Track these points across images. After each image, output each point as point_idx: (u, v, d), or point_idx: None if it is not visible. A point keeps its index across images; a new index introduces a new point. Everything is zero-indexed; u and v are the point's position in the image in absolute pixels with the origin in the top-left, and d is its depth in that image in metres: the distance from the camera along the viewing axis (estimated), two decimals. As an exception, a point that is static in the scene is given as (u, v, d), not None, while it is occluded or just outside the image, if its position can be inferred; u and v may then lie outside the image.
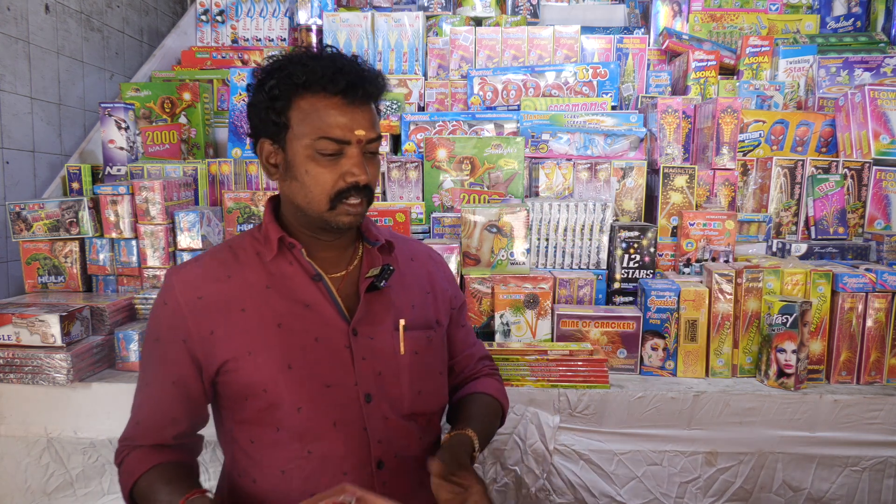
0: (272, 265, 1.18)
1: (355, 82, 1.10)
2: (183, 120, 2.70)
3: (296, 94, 1.11)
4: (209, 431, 1.25)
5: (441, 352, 1.30)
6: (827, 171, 2.28)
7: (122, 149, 2.39)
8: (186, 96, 2.70)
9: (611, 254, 2.13)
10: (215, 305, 1.14)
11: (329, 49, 1.16)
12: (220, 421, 1.23)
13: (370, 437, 1.15)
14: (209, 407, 1.23)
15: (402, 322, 1.21)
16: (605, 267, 2.14)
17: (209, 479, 1.75)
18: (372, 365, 1.17)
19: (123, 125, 2.39)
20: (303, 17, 3.30)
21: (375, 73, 1.16)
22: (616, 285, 2.12)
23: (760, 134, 2.49)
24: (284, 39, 3.36)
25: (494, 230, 2.04)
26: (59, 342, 1.74)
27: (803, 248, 2.15)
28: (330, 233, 1.18)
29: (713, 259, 2.11)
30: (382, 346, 1.18)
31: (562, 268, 2.16)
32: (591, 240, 2.14)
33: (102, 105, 2.41)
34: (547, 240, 2.16)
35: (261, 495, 1.15)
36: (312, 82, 1.10)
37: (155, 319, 1.18)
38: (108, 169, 2.40)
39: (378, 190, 2.42)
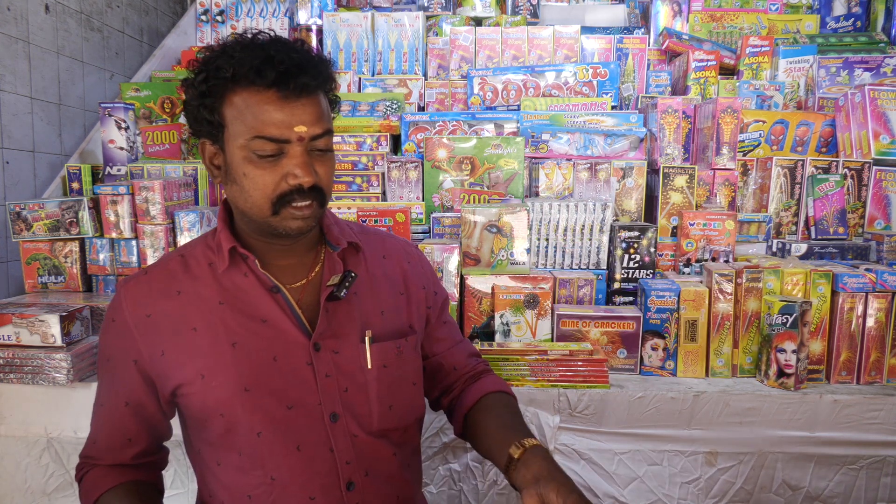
0: (224, 277, 1.08)
1: (289, 71, 0.97)
2: (183, 120, 2.70)
3: (227, 90, 1.00)
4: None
5: (414, 361, 1.19)
6: (827, 171, 2.28)
7: (122, 149, 2.39)
8: (183, 96, 2.69)
9: (611, 254, 2.13)
10: (165, 325, 1.06)
11: (263, 35, 1.03)
12: (188, 440, 1.16)
13: (337, 458, 1.07)
14: (169, 422, 1.17)
15: (368, 333, 1.10)
16: (605, 267, 2.14)
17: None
18: (337, 382, 1.08)
19: (123, 125, 2.39)
20: (303, 17, 3.30)
21: (316, 59, 1.03)
22: (616, 285, 2.12)
23: (760, 134, 2.49)
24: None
25: (494, 230, 2.04)
26: (59, 342, 1.74)
27: (803, 248, 2.15)
28: (283, 238, 1.07)
29: (713, 259, 2.11)
30: (347, 361, 1.09)
31: (562, 268, 2.16)
32: (591, 240, 2.14)
33: (102, 105, 2.41)
34: (547, 240, 2.16)
35: None
36: (241, 75, 0.98)
37: (105, 337, 1.12)
38: (108, 169, 2.40)
39: (378, 190, 2.42)
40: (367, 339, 1.11)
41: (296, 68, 0.98)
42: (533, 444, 1.04)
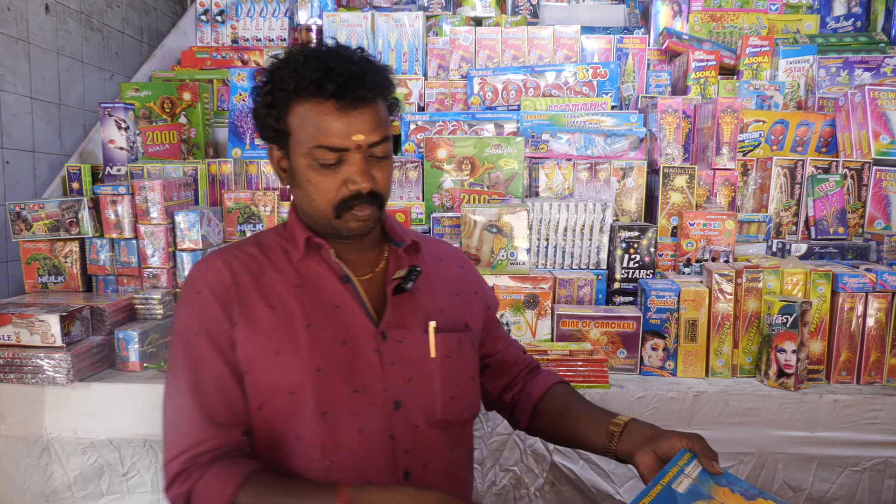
0: (300, 265, 1.14)
1: (347, 84, 1.02)
2: (183, 120, 2.70)
3: (291, 101, 1.06)
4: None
5: (472, 357, 1.24)
6: (827, 171, 2.28)
7: (122, 149, 2.39)
8: (186, 96, 2.70)
9: (611, 254, 2.13)
10: (248, 297, 1.10)
11: (325, 46, 1.08)
12: None
13: (397, 446, 1.09)
14: None
15: (432, 324, 1.15)
16: (605, 267, 2.14)
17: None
18: (402, 370, 1.11)
19: (123, 125, 2.39)
20: (303, 17, 3.30)
21: (374, 68, 1.08)
22: (616, 285, 2.12)
23: (760, 134, 2.48)
24: (284, 39, 3.36)
25: (494, 230, 2.04)
26: (59, 342, 1.74)
27: (803, 248, 2.15)
28: (346, 238, 1.13)
29: (713, 259, 2.11)
30: (412, 350, 1.13)
31: (562, 268, 2.16)
32: (591, 240, 2.14)
33: (102, 105, 2.41)
34: (547, 240, 2.16)
35: None
36: (303, 88, 1.04)
37: (191, 312, 1.10)
38: (108, 169, 2.40)
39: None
40: (430, 329, 1.15)
41: (354, 80, 1.03)
42: (630, 418, 1.12)
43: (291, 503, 0.99)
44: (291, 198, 1.19)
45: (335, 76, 1.02)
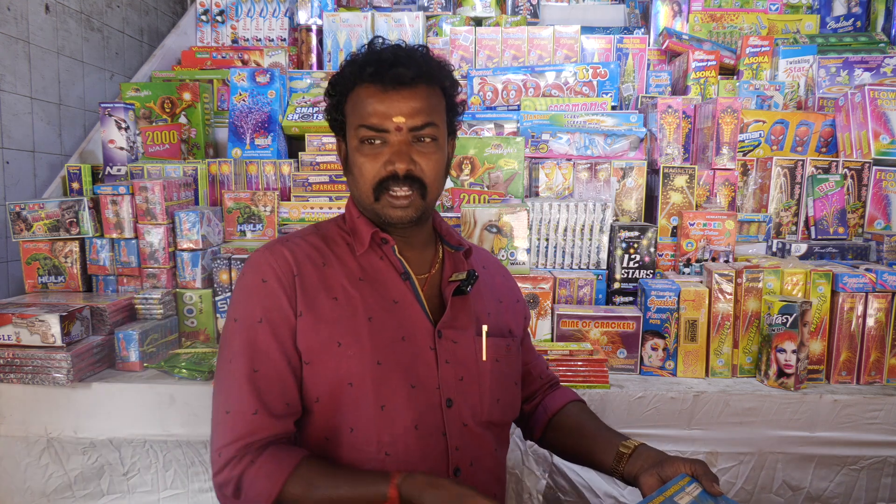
0: (363, 258, 1.16)
1: (385, 62, 1.07)
2: (183, 120, 2.70)
3: (348, 89, 1.12)
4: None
5: (517, 362, 1.28)
6: (827, 171, 2.28)
7: (122, 149, 2.39)
8: (186, 96, 2.70)
9: (611, 254, 2.13)
10: (309, 287, 1.11)
11: (379, 41, 1.14)
12: None
13: (448, 442, 1.11)
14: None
15: (485, 328, 1.18)
16: (605, 267, 2.14)
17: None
18: (454, 369, 1.14)
19: (123, 125, 2.39)
20: (303, 17, 3.30)
21: (422, 55, 1.11)
22: (616, 285, 2.12)
23: (760, 134, 2.49)
24: (284, 39, 3.36)
25: (494, 230, 2.04)
26: (59, 342, 1.74)
27: (803, 248, 2.15)
28: (390, 227, 1.15)
29: (713, 259, 2.11)
30: (465, 351, 1.15)
31: (562, 268, 2.16)
32: (591, 240, 2.14)
33: (102, 105, 2.41)
34: (547, 240, 2.16)
35: None
36: (354, 76, 1.10)
37: (253, 299, 1.09)
38: (108, 169, 2.40)
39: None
40: (483, 332, 1.18)
41: (392, 60, 1.08)
42: (640, 443, 1.16)
43: (341, 488, 1.01)
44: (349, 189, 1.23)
45: (378, 59, 1.08)
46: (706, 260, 2.11)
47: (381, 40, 1.14)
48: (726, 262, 2.09)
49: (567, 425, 1.29)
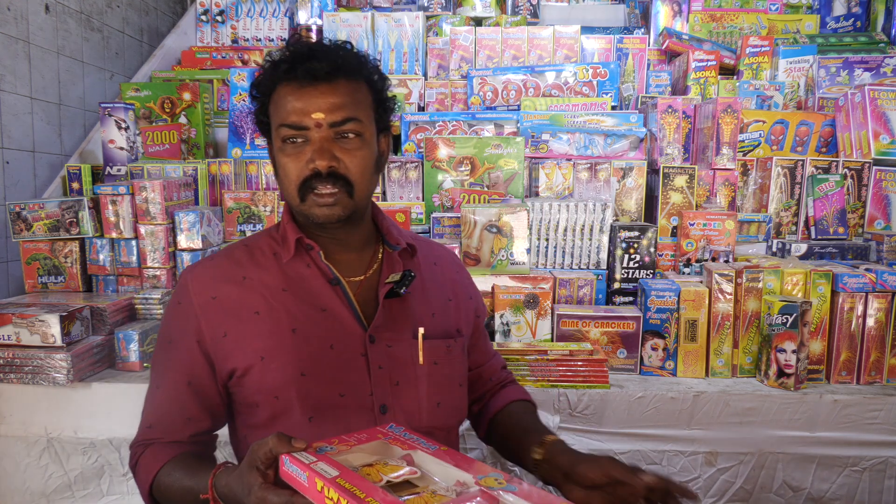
0: (289, 267, 1.13)
1: (300, 56, 1.05)
2: (183, 120, 2.70)
3: (269, 90, 1.09)
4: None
5: (461, 363, 1.23)
6: (827, 171, 2.28)
7: (122, 149, 2.39)
8: (186, 96, 2.70)
9: (611, 254, 2.13)
10: (229, 307, 1.10)
11: (295, 38, 1.13)
12: (234, 426, 1.18)
13: None
14: (225, 407, 1.16)
15: (421, 330, 1.14)
16: (605, 267, 2.14)
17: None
18: (389, 374, 1.11)
19: (123, 125, 2.39)
20: (303, 17, 3.30)
21: (340, 49, 1.08)
22: (616, 285, 2.12)
23: (760, 134, 2.48)
24: (284, 39, 3.36)
25: (494, 230, 2.04)
26: (59, 342, 1.74)
27: (803, 248, 2.15)
28: (321, 228, 1.12)
29: (713, 259, 2.11)
30: (400, 355, 1.12)
31: (562, 268, 2.16)
32: (591, 240, 2.14)
33: (102, 105, 2.41)
34: (547, 240, 2.16)
35: None
36: (275, 74, 1.07)
37: (170, 320, 1.15)
38: (108, 169, 2.40)
39: (378, 190, 2.42)
40: (419, 335, 1.14)
41: (308, 54, 1.05)
42: (553, 444, 1.10)
43: (185, 481, 1.03)
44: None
45: (293, 55, 1.06)
46: (706, 260, 2.11)
47: (298, 37, 1.14)
48: (726, 262, 2.09)
49: (503, 423, 1.26)
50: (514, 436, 1.20)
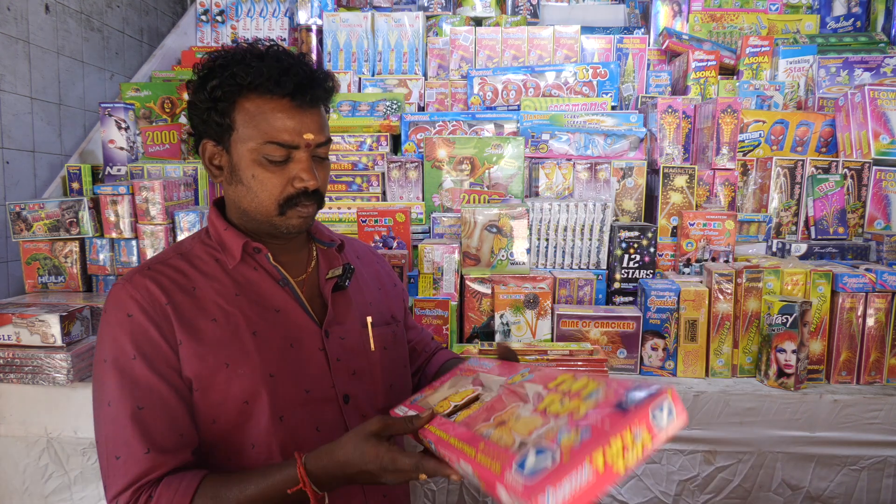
0: (236, 272, 1.13)
1: (304, 84, 1.07)
2: (183, 120, 2.70)
3: (240, 96, 1.07)
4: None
5: (404, 346, 1.32)
6: (827, 171, 2.28)
7: (122, 149, 2.39)
8: (186, 96, 2.69)
9: (611, 254, 2.13)
10: (183, 315, 1.06)
11: (274, 48, 1.10)
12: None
13: None
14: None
15: (369, 319, 1.21)
16: (605, 267, 2.14)
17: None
18: (346, 365, 1.16)
19: (123, 125, 2.39)
20: (303, 17, 3.30)
21: (325, 74, 1.13)
22: (616, 285, 2.12)
23: (760, 134, 2.49)
24: (284, 39, 3.36)
25: (494, 230, 2.04)
26: (59, 342, 1.74)
27: (803, 248, 2.15)
28: (278, 237, 1.15)
29: (713, 259, 2.11)
30: (354, 345, 1.18)
31: (562, 268, 2.16)
32: (591, 240, 2.14)
33: (102, 105, 2.41)
34: (547, 240, 2.16)
35: None
36: (258, 84, 1.05)
37: (122, 336, 1.04)
38: (108, 169, 2.40)
39: (378, 190, 2.42)
40: (368, 323, 1.21)
41: (310, 81, 1.08)
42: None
43: (249, 487, 0.98)
44: (217, 197, 1.21)
45: (293, 75, 1.06)
46: (706, 260, 2.11)
47: (273, 46, 1.10)
48: (726, 262, 2.09)
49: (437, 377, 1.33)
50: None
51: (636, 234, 2.10)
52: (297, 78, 1.06)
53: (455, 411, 0.95)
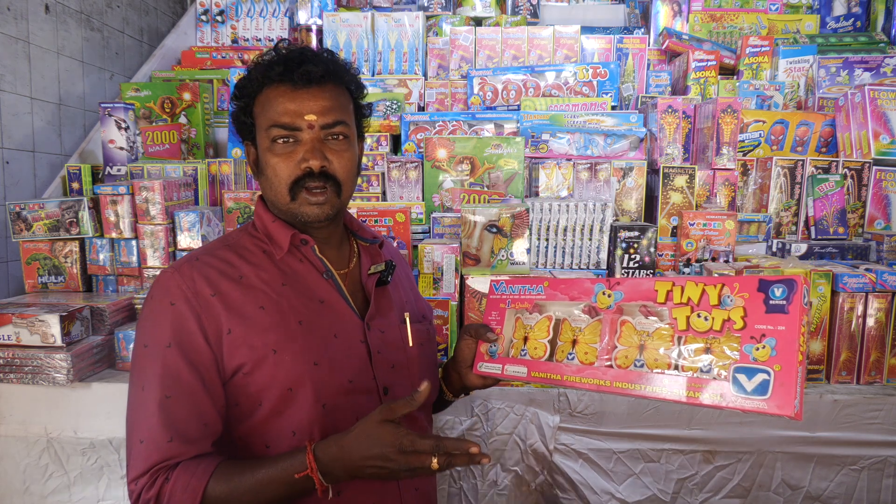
0: (283, 263, 1.16)
1: (293, 60, 1.10)
2: (183, 120, 2.70)
3: (256, 92, 1.13)
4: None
5: (435, 346, 1.35)
6: (827, 171, 2.28)
7: (122, 149, 2.39)
8: (186, 96, 2.70)
9: (611, 254, 2.13)
10: (231, 304, 1.09)
11: (283, 44, 1.17)
12: (229, 428, 1.13)
13: None
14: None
15: (407, 315, 1.23)
16: (605, 267, 2.14)
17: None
18: (386, 358, 1.18)
19: (123, 125, 2.39)
20: (303, 17, 3.30)
21: (328, 55, 1.15)
22: (616, 285, 2.12)
23: (760, 134, 2.48)
24: (284, 39, 3.35)
25: (494, 230, 2.04)
26: (59, 342, 1.74)
27: (803, 248, 2.15)
28: (307, 227, 1.16)
29: (713, 259, 2.11)
30: (393, 340, 1.20)
31: (562, 268, 2.16)
32: (591, 240, 2.14)
33: (102, 105, 2.41)
34: (547, 240, 2.16)
35: None
36: (264, 76, 1.12)
37: (163, 324, 1.07)
38: (108, 169, 2.40)
39: (378, 190, 2.42)
40: (406, 319, 1.24)
41: (300, 57, 1.10)
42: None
43: (259, 473, 1.01)
44: (258, 196, 1.24)
45: (283, 57, 1.11)
46: (706, 260, 2.11)
47: (285, 43, 1.16)
48: (726, 262, 2.09)
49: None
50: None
51: (636, 234, 2.10)
52: (288, 60, 1.10)
53: (552, 351, 1.01)
